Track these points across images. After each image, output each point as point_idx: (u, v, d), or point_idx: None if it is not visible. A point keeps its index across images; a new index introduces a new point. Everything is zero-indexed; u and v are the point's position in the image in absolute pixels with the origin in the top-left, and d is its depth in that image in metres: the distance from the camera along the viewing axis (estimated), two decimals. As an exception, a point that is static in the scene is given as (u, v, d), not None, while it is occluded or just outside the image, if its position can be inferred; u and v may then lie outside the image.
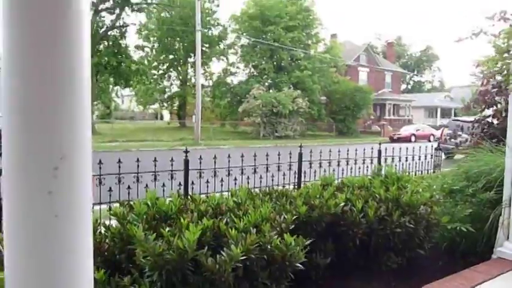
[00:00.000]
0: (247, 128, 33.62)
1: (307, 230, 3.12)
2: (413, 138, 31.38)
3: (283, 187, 4.76)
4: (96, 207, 4.13)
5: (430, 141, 27.17)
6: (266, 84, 34.76)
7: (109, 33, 29.06)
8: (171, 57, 39.43)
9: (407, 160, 7.61)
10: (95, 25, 27.47)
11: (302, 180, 6.18)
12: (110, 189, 4.39)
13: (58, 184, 1.12)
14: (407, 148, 7.75)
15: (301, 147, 6.16)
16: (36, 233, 1.12)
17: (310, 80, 34.03)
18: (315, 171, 6.15)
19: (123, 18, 29.33)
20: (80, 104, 1.15)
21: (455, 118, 20.63)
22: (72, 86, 1.12)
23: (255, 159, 5.50)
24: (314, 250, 3.09)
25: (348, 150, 6.72)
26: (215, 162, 5.18)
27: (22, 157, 1.11)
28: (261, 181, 5.52)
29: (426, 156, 8.20)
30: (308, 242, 2.77)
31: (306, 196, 3.50)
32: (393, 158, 7.29)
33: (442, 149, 9.34)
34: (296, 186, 5.94)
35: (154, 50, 39.37)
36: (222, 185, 5.05)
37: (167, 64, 39.83)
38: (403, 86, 64.56)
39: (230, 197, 3.41)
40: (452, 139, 8.44)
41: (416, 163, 7.92)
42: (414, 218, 3.56)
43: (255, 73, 37.12)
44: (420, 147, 8.47)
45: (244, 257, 2.39)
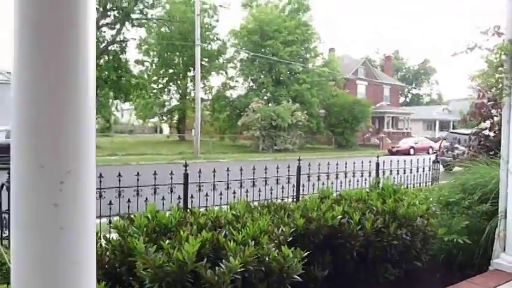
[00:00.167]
0: (246, 142, 33.67)
1: (305, 243, 3.15)
2: (412, 150, 31.44)
3: (281, 200, 4.80)
4: (96, 220, 4.15)
5: (429, 153, 27.22)
6: (265, 97, 34.95)
7: (109, 48, 29.25)
8: (171, 71, 39.68)
9: (405, 173, 7.68)
10: (96, 40, 27.60)
11: (300, 193, 6.22)
12: (110, 202, 4.43)
13: (64, 197, 1.17)
14: (404, 161, 7.81)
15: (299, 160, 6.21)
16: (42, 244, 1.17)
17: (308, 94, 34.24)
18: (314, 184, 6.19)
19: (123, 33, 29.54)
20: (86, 121, 1.21)
21: (453, 131, 20.69)
22: (78, 104, 1.19)
23: (254, 172, 5.56)
24: (312, 262, 3.12)
25: (346, 163, 6.77)
26: (214, 175, 5.23)
27: (30, 171, 1.17)
28: (260, 194, 5.57)
29: (424, 168, 8.25)
30: (305, 254, 2.81)
31: (304, 209, 3.54)
32: (391, 171, 7.34)
33: (440, 162, 9.39)
34: (295, 199, 5.98)
35: (154, 64, 39.63)
36: (221, 198, 5.10)
37: (167, 78, 40.06)
38: (402, 99, 64.91)
39: (229, 210, 3.45)
40: (449, 151, 8.48)
41: (414, 176, 7.98)
42: (411, 230, 3.61)
43: (254, 87, 37.35)
44: (418, 159, 8.53)
45: (242, 269, 2.43)
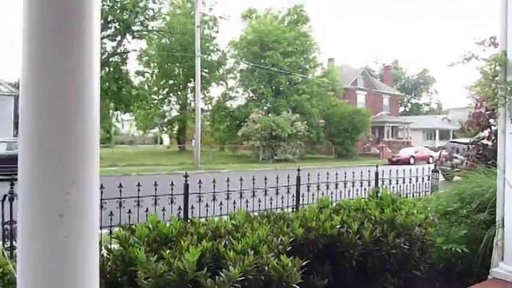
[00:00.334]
0: (246, 152, 33.67)
1: (304, 252, 3.18)
2: (412, 160, 31.50)
3: (281, 210, 4.83)
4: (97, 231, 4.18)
5: (429, 162, 27.18)
6: (265, 108, 35.11)
7: (110, 59, 29.43)
8: (171, 82, 39.90)
9: (404, 182, 7.70)
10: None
11: (300, 203, 6.25)
12: (111, 213, 4.47)
13: (69, 207, 1.23)
14: (404, 170, 7.84)
15: (299, 170, 6.26)
16: (48, 253, 1.22)
17: (308, 104, 34.36)
18: (313, 194, 6.22)
19: (124, 44, 29.77)
20: (90, 134, 1.27)
21: (452, 140, 20.74)
22: (83, 117, 1.25)
23: (254, 182, 5.60)
24: (311, 272, 3.14)
25: (346, 173, 6.80)
26: (214, 186, 5.27)
27: (37, 182, 1.22)
28: (260, 204, 5.59)
29: (423, 178, 8.28)
30: (304, 263, 2.84)
31: (303, 218, 3.57)
32: (390, 181, 7.37)
33: (440, 171, 9.41)
34: (294, 209, 6.01)
35: (154, 76, 39.84)
36: (221, 209, 5.13)
37: (167, 89, 40.26)
38: (401, 109, 65.10)
39: (229, 220, 3.49)
40: (448, 161, 8.51)
41: (413, 185, 8.00)
42: (409, 239, 3.64)
43: (254, 97, 37.51)
44: (417, 169, 8.57)
45: (242, 278, 2.46)
